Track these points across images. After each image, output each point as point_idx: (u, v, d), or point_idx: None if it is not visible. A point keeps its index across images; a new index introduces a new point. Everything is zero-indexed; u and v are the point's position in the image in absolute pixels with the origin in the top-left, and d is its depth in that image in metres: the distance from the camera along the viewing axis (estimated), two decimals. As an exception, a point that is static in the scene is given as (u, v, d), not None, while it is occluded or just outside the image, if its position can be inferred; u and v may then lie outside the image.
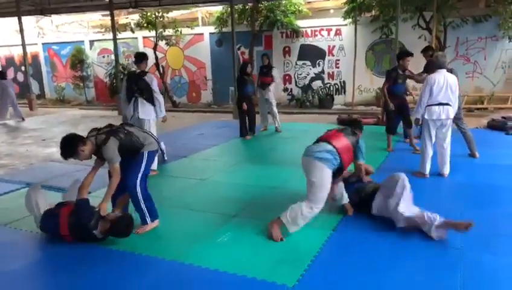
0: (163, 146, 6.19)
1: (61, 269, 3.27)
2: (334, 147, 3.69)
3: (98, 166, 3.76)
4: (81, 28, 18.35)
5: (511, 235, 3.57)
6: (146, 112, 5.68)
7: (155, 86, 5.71)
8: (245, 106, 8.07)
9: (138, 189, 3.75)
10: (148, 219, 3.86)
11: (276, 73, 8.82)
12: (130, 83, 5.70)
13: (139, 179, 3.74)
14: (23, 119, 12.15)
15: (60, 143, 3.55)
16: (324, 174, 3.59)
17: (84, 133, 3.70)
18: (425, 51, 6.62)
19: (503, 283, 2.87)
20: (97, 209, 3.59)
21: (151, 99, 5.68)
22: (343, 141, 3.76)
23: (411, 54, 6.71)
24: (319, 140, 3.87)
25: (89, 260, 3.38)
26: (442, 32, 11.85)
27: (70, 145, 3.50)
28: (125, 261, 3.36)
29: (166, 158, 6.37)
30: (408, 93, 7.09)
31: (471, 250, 3.31)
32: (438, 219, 3.43)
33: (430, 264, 3.12)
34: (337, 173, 3.73)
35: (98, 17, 17.26)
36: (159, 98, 5.76)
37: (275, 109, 8.77)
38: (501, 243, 3.44)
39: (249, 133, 8.29)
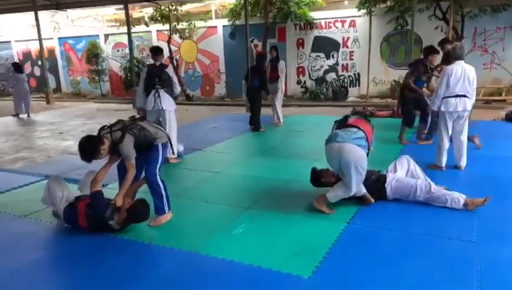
0: (181, 148, 6.26)
1: (80, 259, 3.35)
2: (363, 132, 3.89)
3: (113, 162, 3.82)
4: (95, 22, 18.50)
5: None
6: (168, 102, 5.88)
7: (175, 78, 6.02)
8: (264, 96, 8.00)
9: (159, 179, 3.84)
10: (166, 208, 3.92)
11: (281, 65, 8.55)
12: (151, 75, 5.84)
13: (158, 169, 3.84)
14: (28, 116, 12.04)
15: (79, 148, 3.56)
16: (363, 157, 3.83)
17: (99, 127, 3.76)
18: (442, 43, 6.47)
19: (520, 276, 2.84)
20: (112, 201, 3.66)
21: (171, 91, 5.91)
22: (368, 127, 3.99)
23: (438, 52, 6.50)
24: (346, 125, 4.01)
25: (106, 250, 3.46)
26: (459, 22, 11.62)
27: (91, 149, 3.53)
28: (143, 252, 3.43)
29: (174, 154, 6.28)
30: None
31: (488, 243, 3.28)
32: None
33: (445, 257, 3.10)
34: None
35: (113, 11, 17.37)
36: (177, 89, 6.07)
37: (277, 103, 8.65)
38: (518, 235, 3.40)
39: (251, 128, 8.17)
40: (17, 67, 12.45)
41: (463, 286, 2.74)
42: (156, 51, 6.02)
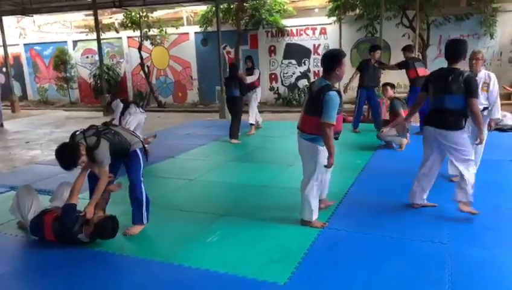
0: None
1: (47, 273, 3.22)
2: None
3: (87, 168, 3.69)
4: (63, 28, 18.06)
5: (498, 228, 3.63)
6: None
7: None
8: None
9: (143, 186, 3.78)
10: (145, 219, 3.83)
11: (255, 73, 8.54)
12: None
13: (141, 175, 3.78)
14: (1, 125, 11.31)
15: (58, 157, 3.40)
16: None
17: (68, 135, 3.63)
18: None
19: (490, 276, 2.92)
20: (82, 213, 3.54)
21: None
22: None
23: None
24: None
25: (76, 262, 3.33)
26: (425, 30, 12.01)
27: (71, 156, 3.38)
28: (113, 263, 3.33)
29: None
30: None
31: (458, 245, 3.36)
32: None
33: (419, 259, 3.16)
34: None
35: (81, 17, 16.99)
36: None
37: (253, 107, 8.61)
38: (488, 236, 3.50)
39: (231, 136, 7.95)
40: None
41: (436, 287, 2.79)
42: None
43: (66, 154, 3.39)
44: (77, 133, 3.58)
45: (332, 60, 3.56)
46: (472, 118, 3.76)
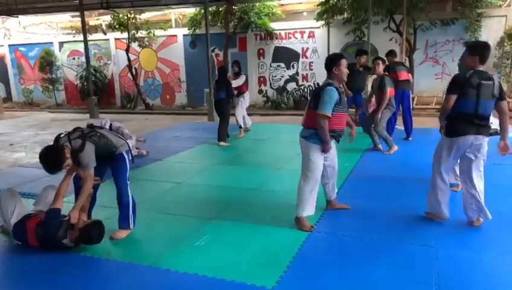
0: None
1: (31, 279, 3.15)
2: None
3: (72, 172, 3.62)
4: (49, 30, 17.84)
5: (485, 231, 3.66)
6: None
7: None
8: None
9: (129, 189, 3.72)
10: (131, 223, 3.78)
11: (241, 78, 8.47)
12: None
13: (127, 179, 3.73)
14: None
15: (43, 160, 3.31)
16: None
17: (53, 138, 3.56)
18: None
19: (476, 278, 2.95)
20: (67, 217, 3.47)
21: None
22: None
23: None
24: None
25: (60, 267, 3.27)
26: (412, 34, 12.16)
27: (56, 159, 3.30)
28: (99, 268, 3.27)
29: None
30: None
31: (446, 247, 3.38)
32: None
33: (406, 262, 3.17)
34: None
35: (68, 18, 16.82)
36: None
37: (238, 111, 8.60)
38: (475, 239, 3.53)
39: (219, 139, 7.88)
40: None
41: (423, 289, 2.81)
42: None
43: (51, 158, 3.31)
44: (62, 135, 3.50)
45: (330, 60, 3.79)
46: (504, 119, 3.65)
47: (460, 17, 11.71)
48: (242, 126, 8.61)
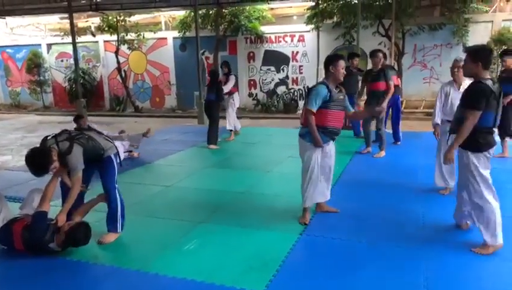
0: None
1: (17, 284, 3.09)
2: None
3: (59, 174, 3.57)
4: (37, 31, 17.64)
5: (473, 233, 3.68)
6: None
7: None
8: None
9: (117, 193, 3.69)
10: (119, 227, 3.74)
11: (231, 79, 8.43)
12: None
13: (116, 182, 3.69)
14: None
15: (29, 163, 3.26)
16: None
17: (39, 140, 3.51)
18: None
19: (464, 281, 2.97)
20: (54, 221, 3.42)
21: None
22: None
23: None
24: None
25: (47, 272, 3.22)
26: (400, 39, 12.28)
27: (43, 162, 3.25)
28: (87, 273, 3.23)
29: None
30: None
31: (434, 249, 3.41)
32: None
33: (394, 264, 3.19)
34: None
35: (56, 20, 16.64)
36: None
37: (229, 114, 8.57)
38: (462, 242, 3.55)
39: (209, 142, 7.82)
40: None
41: (412, 293, 2.83)
42: None
43: (37, 160, 3.26)
44: (49, 137, 3.45)
45: (327, 60, 3.93)
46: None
47: (448, 22, 11.86)
48: (232, 129, 8.59)
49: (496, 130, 3.40)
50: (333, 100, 3.80)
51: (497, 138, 4.41)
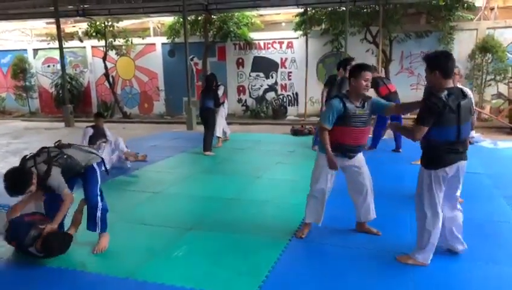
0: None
1: (2, 293, 3.03)
2: None
3: (31, 200, 3.57)
4: (23, 36, 17.45)
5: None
6: None
7: None
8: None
9: (99, 201, 3.64)
10: (98, 228, 3.66)
11: (220, 89, 8.41)
12: None
13: (98, 190, 3.65)
14: None
15: (7, 180, 3.20)
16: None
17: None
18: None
19: (453, 286, 2.99)
20: (43, 226, 3.36)
21: None
22: None
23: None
24: None
25: (31, 280, 3.16)
26: (387, 46, 12.44)
27: (22, 183, 3.21)
28: (74, 281, 3.18)
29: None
30: None
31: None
32: None
33: (383, 270, 3.20)
34: None
35: (43, 25, 16.48)
36: None
37: (218, 121, 8.47)
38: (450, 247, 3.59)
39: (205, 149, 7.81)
40: None
41: (401, 298, 2.84)
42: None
43: (17, 180, 3.22)
44: (27, 157, 3.42)
45: (350, 72, 3.60)
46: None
47: (434, 29, 12.06)
48: (220, 136, 8.57)
49: (467, 142, 3.12)
50: (350, 115, 3.41)
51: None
